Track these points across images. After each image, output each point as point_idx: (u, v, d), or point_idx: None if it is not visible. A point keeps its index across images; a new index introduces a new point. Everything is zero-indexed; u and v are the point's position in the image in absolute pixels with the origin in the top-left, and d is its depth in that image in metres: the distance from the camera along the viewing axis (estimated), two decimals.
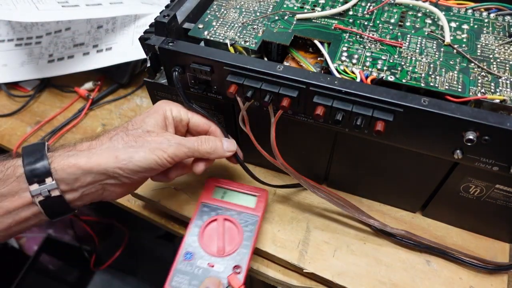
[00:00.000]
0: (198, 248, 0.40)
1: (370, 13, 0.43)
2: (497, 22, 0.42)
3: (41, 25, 0.70)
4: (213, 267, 0.39)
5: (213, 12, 0.44)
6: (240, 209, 0.43)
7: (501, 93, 0.35)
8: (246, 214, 0.42)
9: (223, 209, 0.43)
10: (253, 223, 0.42)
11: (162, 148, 0.37)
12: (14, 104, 0.65)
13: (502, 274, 0.41)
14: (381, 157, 0.40)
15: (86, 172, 0.35)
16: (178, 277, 0.38)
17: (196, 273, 0.38)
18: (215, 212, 0.42)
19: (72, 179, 0.35)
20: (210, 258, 0.39)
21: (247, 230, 0.41)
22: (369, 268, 0.42)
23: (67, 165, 0.34)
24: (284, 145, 0.40)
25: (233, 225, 0.42)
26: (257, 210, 0.43)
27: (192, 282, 0.38)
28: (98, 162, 0.35)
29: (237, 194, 0.45)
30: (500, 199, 0.38)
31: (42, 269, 0.93)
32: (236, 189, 0.45)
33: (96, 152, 0.36)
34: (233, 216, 0.42)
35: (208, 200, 0.44)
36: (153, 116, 0.39)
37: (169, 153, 0.37)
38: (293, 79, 0.34)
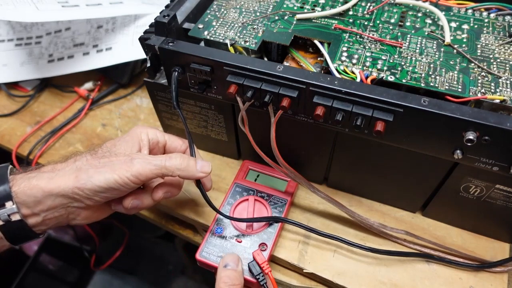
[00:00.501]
0: (228, 224, 0.43)
1: (370, 13, 0.43)
2: (497, 22, 0.42)
3: (41, 25, 0.70)
4: (241, 243, 0.41)
5: (213, 12, 0.44)
6: (271, 191, 0.46)
7: (501, 93, 0.35)
8: (276, 197, 0.45)
9: (255, 190, 0.46)
10: (282, 205, 0.44)
11: (125, 167, 0.34)
12: (14, 104, 0.65)
13: (502, 274, 0.41)
14: (381, 157, 0.40)
15: (47, 194, 0.34)
16: (208, 248, 0.41)
17: (224, 246, 0.41)
18: (247, 193, 0.46)
19: (33, 201, 0.34)
20: (238, 234, 0.42)
21: (275, 212, 0.44)
22: (369, 268, 0.42)
23: (27, 187, 0.33)
24: (284, 145, 0.40)
25: (263, 205, 0.44)
26: (286, 194, 0.46)
27: (220, 254, 0.41)
28: (58, 183, 0.34)
29: (270, 178, 0.47)
30: (500, 199, 0.38)
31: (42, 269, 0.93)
32: (269, 173, 0.48)
33: (59, 174, 0.35)
34: (264, 198, 0.45)
35: (241, 181, 0.47)
36: (125, 140, 0.38)
37: (133, 172, 0.34)
38: (293, 79, 0.34)
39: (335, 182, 0.48)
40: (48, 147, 0.59)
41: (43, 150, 0.58)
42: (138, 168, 0.35)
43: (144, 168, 0.35)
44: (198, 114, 0.47)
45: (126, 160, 0.35)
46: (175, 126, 0.52)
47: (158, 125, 0.59)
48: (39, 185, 0.34)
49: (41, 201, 0.34)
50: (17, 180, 0.34)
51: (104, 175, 0.34)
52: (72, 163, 0.36)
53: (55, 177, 0.34)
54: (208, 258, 0.41)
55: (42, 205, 0.34)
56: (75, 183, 0.34)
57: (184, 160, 0.37)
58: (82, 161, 0.36)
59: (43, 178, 0.34)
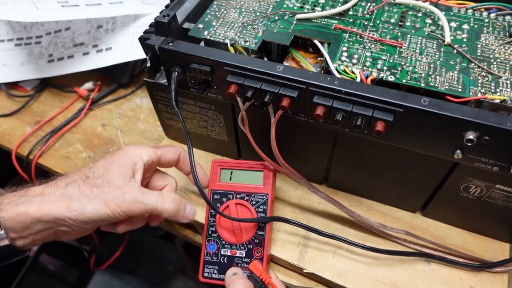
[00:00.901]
0: (218, 238, 0.42)
1: (370, 13, 0.43)
2: (497, 22, 0.42)
3: (41, 25, 0.70)
4: (236, 254, 0.40)
5: (213, 12, 0.44)
6: (249, 189, 0.43)
7: (501, 93, 0.35)
8: (256, 194, 0.42)
9: (233, 192, 0.43)
10: (264, 202, 0.42)
11: (117, 202, 0.35)
12: (14, 104, 0.65)
13: (502, 274, 0.41)
14: (381, 157, 0.40)
15: (36, 220, 0.33)
16: (208, 268, 0.41)
17: (222, 262, 0.41)
18: (226, 198, 0.43)
19: (21, 227, 0.34)
20: (231, 246, 0.41)
21: (260, 211, 0.42)
22: (369, 268, 0.42)
23: (16, 214, 0.33)
24: (284, 145, 0.40)
25: (245, 208, 0.42)
26: (265, 188, 0.43)
27: (221, 270, 0.40)
28: (48, 210, 0.34)
29: (244, 173, 0.44)
30: (500, 199, 0.38)
31: (42, 269, 0.93)
32: (241, 167, 0.44)
33: (49, 199, 0.34)
34: (244, 199, 0.42)
35: (216, 186, 0.44)
36: (117, 164, 0.37)
37: (123, 209, 0.35)
38: (293, 79, 0.34)
39: (335, 182, 0.48)
40: (48, 147, 0.59)
41: (43, 150, 0.58)
42: (129, 206, 0.35)
43: (135, 207, 0.36)
44: (198, 114, 0.47)
45: (119, 195, 0.35)
46: (175, 126, 0.52)
47: (158, 125, 0.59)
48: (28, 211, 0.33)
49: (30, 226, 0.34)
50: (5, 205, 0.34)
51: (96, 208, 0.34)
52: (63, 188, 0.36)
53: (45, 203, 0.34)
54: (211, 278, 0.40)
55: (31, 229, 0.34)
56: (66, 212, 0.34)
57: (175, 205, 0.38)
58: (74, 187, 0.35)
59: (32, 203, 0.34)
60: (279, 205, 0.48)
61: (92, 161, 0.56)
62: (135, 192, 0.36)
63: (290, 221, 0.41)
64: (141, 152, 0.39)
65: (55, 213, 0.34)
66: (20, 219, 0.33)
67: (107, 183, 0.36)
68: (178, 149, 0.42)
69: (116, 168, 0.37)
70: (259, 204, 0.42)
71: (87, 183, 0.36)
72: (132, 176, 0.38)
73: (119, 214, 0.35)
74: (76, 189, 0.35)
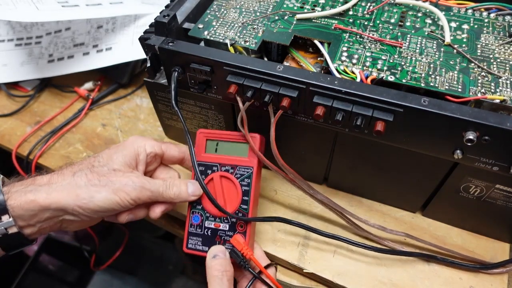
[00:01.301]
0: (203, 210, 0.41)
1: (370, 13, 0.43)
2: (497, 22, 0.42)
3: (41, 25, 0.70)
4: (220, 227, 0.40)
5: (213, 12, 0.44)
6: (234, 162, 0.41)
7: (501, 93, 0.35)
8: (241, 167, 0.41)
9: (218, 165, 0.42)
10: (249, 175, 0.41)
11: (126, 190, 0.36)
12: (14, 104, 0.65)
13: (502, 274, 0.41)
14: (381, 157, 0.40)
15: (44, 208, 0.34)
16: (192, 239, 0.41)
17: (206, 234, 0.40)
18: (211, 170, 0.42)
19: (30, 215, 0.34)
20: (215, 219, 0.41)
21: (244, 185, 0.41)
22: (369, 268, 0.42)
23: (24, 202, 0.33)
24: (284, 145, 0.40)
25: (230, 181, 0.41)
26: (250, 160, 0.41)
27: (204, 242, 0.40)
28: (57, 198, 0.34)
29: (229, 144, 0.42)
30: (500, 199, 0.38)
31: (42, 269, 0.94)
32: (227, 138, 0.42)
33: (57, 188, 0.35)
34: (229, 172, 0.41)
35: (202, 158, 0.42)
36: (122, 153, 0.38)
37: (132, 196, 0.36)
38: (293, 79, 0.34)
39: (335, 182, 0.48)
40: (48, 147, 0.59)
41: (43, 150, 0.58)
42: (137, 193, 0.36)
43: (142, 194, 0.37)
44: (198, 114, 0.47)
45: (127, 183, 0.36)
46: (175, 126, 0.52)
47: (158, 125, 0.59)
48: (36, 199, 0.34)
49: (37, 214, 0.34)
50: (13, 193, 0.34)
51: (105, 196, 0.35)
52: (70, 176, 0.36)
53: (53, 192, 0.34)
54: (194, 249, 0.40)
55: (38, 217, 0.34)
56: (76, 201, 0.34)
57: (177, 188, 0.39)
58: (81, 176, 0.36)
59: (40, 191, 0.34)
60: (279, 205, 0.48)
61: None
62: (142, 180, 0.37)
63: (291, 221, 0.41)
64: (145, 144, 0.40)
65: (64, 202, 0.34)
66: (28, 206, 0.34)
67: (113, 172, 0.37)
68: (183, 148, 0.43)
69: (120, 157, 0.38)
70: (244, 178, 0.41)
71: (94, 172, 0.36)
72: (135, 166, 0.39)
73: (128, 202, 0.36)
74: (84, 178, 0.36)
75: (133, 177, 0.37)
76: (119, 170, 0.37)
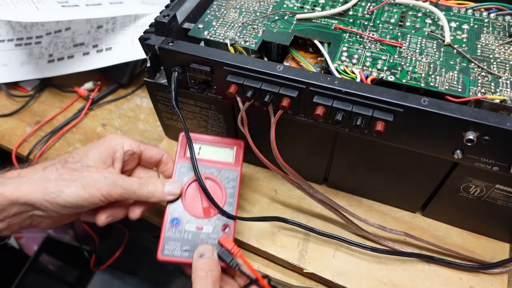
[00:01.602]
0: (184, 212, 0.39)
1: (370, 13, 0.43)
2: (497, 22, 0.42)
3: (41, 25, 0.70)
4: (202, 229, 0.38)
5: (213, 12, 0.44)
6: (219, 165, 0.41)
7: (501, 93, 0.35)
8: (226, 170, 0.41)
9: (202, 167, 0.40)
10: (234, 178, 0.41)
11: (96, 185, 0.35)
12: (14, 104, 0.65)
13: (502, 274, 0.41)
14: (381, 157, 0.40)
15: (12, 202, 0.33)
16: (169, 245, 0.38)
17: (186, 238, 0.38)
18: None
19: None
20: (197, 221, 0.39)
21: (229, 187, 0.40)
22: (369, 268, 0.42)
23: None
24: (284, 145, 0.40)
25: (214, 183, 0.41)
26: (236, 164, 0.41)
27: (184, 247, 0.38)
28: (25, 192, 0.33)
29: (213, 148, 0.42)
30: (500, 199, 0.38)
31: (42, 269, 0.93)
32: (211, 142, 0.43)
33: (26, 181, 0.34)
34: (213, 174, 0.41)
35: (184, 159, 0.41)
36: (98, 150, 0.37)
37: (103, 192, 0.35)
38: (293, 79, 0.34)
39: (335, 182, 0.48)
40: (48, 147, 0.59)
41: (43, 150, 0.58)
42: (108, 189, 0.35)
43: (114, 191, 0.35)
44: (198, 114, 0.47)
45: (98, 178, 0.35)
46: (175, 126, 0.52)
47: (158, 125, 0.59)
48: (4, 193, 0.33)
49: (5, 208, 0.33)
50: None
51: (75, 191, 0.34)
52: (41, 171, 0.35)
53: (22, 185, 0.33)
54: (172, 255, 0.37)
55: (7, 212, 0.33)
56: (44, 195, 0.33)
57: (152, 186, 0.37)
58: (52, 171, 0.35)
59: (9, 185, 0.33)
60: (279, 205, 0.48)
61: None
62: (115, 176, 0.36)
63: (287, 220, 0.41)
64: (123, 141, 0.39)
65: (31, 196, 0.33)
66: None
67: (86, 168, 0.36)
68: (162, 150, 0.42)
69: (96, 153, 0.37)
70: (229, 180, 0.41)
71: (65, 167, 0.35)
72: (112, 164, 0.38)
73: (98, 198, 0.35)
74: (55, 172, 0.35)
75: (105, 173, 0.36)
76: (92, 166, 0.36)
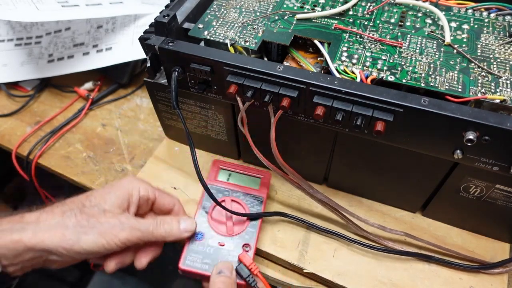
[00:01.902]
0: (208, 228, 0.42)
1: (370, 13, 0.43)
2: (497, 22, 0.42)
3: (41, 25, 0.70)
4: (224, 246, 0.41)
5: (213, 12, 0.44)
6: (246, 190, 0.45)
7: (501, 93, 0.35)
8: (252, 196, 0.45)
9: (230, 190, 0.45)
10: (259, 203, 0.44)
11: (114, 232, 0.35)
12: (14, 104, 0.65)
13: (502, 274, 0.41)
14: (381, 157, 0.40)
15: (29, 249, 0.33)
16: (191, 256, 0.40)
17: (208, 252, 0.41)
18: (222, 194, 0.45)
19: (13, 255, 0.33)
20: (220, 238, 0.42)
21: (253, 211, 0.44)
22: (369, 268, 0.42)
23: (10, 241, 0.33)
24: (284, 145, 0.40)
25: (240, 206, 0.44)
26: (261, 191, 0.45)
27: (204, 260, 0.40)
28: (42, 238, 0.33)
29: (242, 176, 0.47)
30: (500, 199, 0.38)
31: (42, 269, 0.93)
32: (240, 171, 0.47)
33: (44, 227, 0.34)
34: (239, 198, 0.44)
35: (214, 182, 0.46)
36: (115, 194, 0.38)
37: (121, 238, 0.35)
38: (293, 79, 0.34)
39: (335, 182, 0.48)
40: (48, 147, 0.59)
41: (43, 150, 0.58)
42: (126, 234, 0.36)
43: (132, 235, 0.36)
44: (198, 114, 0.47)
45: (116, 224, 0.36)
46: (175, 126, 0.52)
47: (158, 125, 0.59)
48: (22, 239, 0.33)
49: (22, 254, 0.34)
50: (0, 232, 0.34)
51: (92, 239, 0.34)
52: (59, 216, 0.35)
53: (39, 231, 0.34)
54: (192, 266, 0.40)
55: (22, 257, 0.34)
56: (61, 242, 0.34)
57: (168, 226, 0.38)
58: (71, 217, 0.35)
59: (27, 230, 0.34)
60: (279, 205, 0.48)
61: (92, 161, 0.56)
62: (131, 220, 0.37)
63: (288, 215, 0.43)
64: (140, 186, 0.39)
65: (49, 242, 0.34)
66: (13, 246, 0.33)
67: (103, 212, 0.36)
68: (174, 199, 0.42)
69: (113, 197, 0.37)
70: (254, 205, 0.44)
71: (83, 212, 0.36)
72: (127, 208, 0.38)
73: (116, 244, 0.35)
74: (73, 219, 0.35)
75: (122, 218, 0.36)
76: (109, 211, 0.36)
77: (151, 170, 0.52)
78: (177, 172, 0.51)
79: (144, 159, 0.56)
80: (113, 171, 0.55)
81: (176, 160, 0.53)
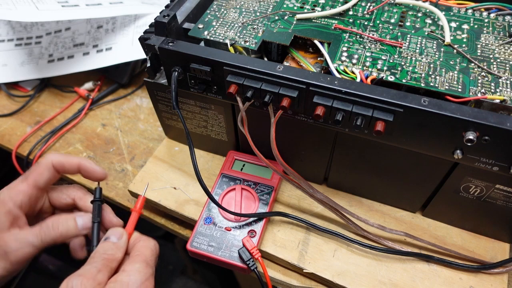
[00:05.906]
0: (217, 214, 0.44)
1: (370, 13, 0.43)
2: (497, 22, 0.42)
3: (41, 25, 0.70)
4: (230, 231, 0.43)
5: (213, 12, 0.44)
6: (257, 180, 0.47)
7: (501, 93, 0.35)
8: (262, 185, 0.47)
9: (242, 180, 0.47)
10: (269, 192, 0.46)
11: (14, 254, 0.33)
12: (14, 104, 0.65)
13: (502, 274, 0.41)
14: (381, 157, 0.40)
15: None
16: (198, 238, 0.42)
17: (214, 235, 0.43)
18: (234, 182, 0.47)
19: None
20: (227, 223, 0.43)
21: (262, 199, 0.45)
22: (369, 268, 0.42)
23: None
24: (284, 146, 0.40)
25: (250, 193, 0.46)
26: (272, 181, 0.47)
27: (211, 243, 0.42)
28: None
29: (256, 167, 0.48)
30: (500, 199, 0.38)
31: (42, 269, 0.93)
32: (254, 162, 0.49)
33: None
34: (250, 186, 0.46)
35: (228, 171, 0.48)
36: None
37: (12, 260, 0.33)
38: (293, 79, 0.34)
39: (335, 182, 0.48)
40: (48, 147, 0.59)
41: (43, 150, 0.58)
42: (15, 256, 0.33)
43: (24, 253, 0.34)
44: (198, 114, 0.47)
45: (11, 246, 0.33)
46: (175, 126, 0.52)
47: (158, 125, 0.60)
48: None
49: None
50: None
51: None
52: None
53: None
54: (198, 248, 0.42)
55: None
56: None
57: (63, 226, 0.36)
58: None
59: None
60: (279, 205, 0.48)
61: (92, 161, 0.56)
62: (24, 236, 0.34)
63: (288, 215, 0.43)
64: (12, 197, 0.35)
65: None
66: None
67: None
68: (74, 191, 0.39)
69: None
70: (264, 194, 0.46)
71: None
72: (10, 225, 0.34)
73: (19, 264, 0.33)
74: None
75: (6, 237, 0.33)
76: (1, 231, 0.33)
77: (151, 170, 0.52)
78: (177, 172, 0.51)
79: (144, 159, 0.56)
80: (113, 171, 0.55)
81: (176, 160, 0.53)
